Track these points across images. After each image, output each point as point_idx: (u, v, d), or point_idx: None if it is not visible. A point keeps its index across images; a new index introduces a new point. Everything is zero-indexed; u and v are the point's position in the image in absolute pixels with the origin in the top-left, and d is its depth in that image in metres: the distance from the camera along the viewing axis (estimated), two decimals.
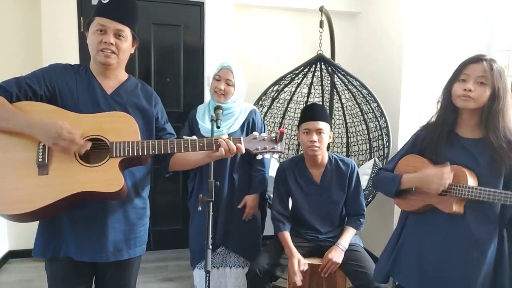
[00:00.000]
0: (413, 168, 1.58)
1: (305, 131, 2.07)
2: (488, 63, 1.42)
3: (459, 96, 1.44)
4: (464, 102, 1.43)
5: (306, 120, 2.07)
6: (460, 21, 2.79)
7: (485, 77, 1.41)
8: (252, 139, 1.45)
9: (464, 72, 1.45)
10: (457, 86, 1.46)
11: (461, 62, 1.49)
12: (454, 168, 1.44)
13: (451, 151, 1.49)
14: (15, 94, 1.30)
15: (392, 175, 1.62)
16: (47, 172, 1.27)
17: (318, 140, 2.03)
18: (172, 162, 1.56)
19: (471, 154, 1.46)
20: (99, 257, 1.42)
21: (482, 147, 1.44)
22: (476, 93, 1.41)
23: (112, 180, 1.30)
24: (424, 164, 1.53)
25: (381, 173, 1.71)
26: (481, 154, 1.44)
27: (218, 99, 2.08)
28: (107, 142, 1.33)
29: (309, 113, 2.08)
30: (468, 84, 1.42)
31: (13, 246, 3.18)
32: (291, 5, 3.44)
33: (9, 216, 1.26)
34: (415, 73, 2.93)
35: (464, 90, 1.42)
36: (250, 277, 1.93)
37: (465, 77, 1.44)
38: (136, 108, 1.48)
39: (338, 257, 1.97)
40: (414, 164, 1.58)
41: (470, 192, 1.38)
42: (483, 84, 1.41)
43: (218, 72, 2.11)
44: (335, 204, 2.13)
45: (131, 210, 1.48)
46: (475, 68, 1.43)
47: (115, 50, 1.39)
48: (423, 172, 1.49)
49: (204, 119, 2.13)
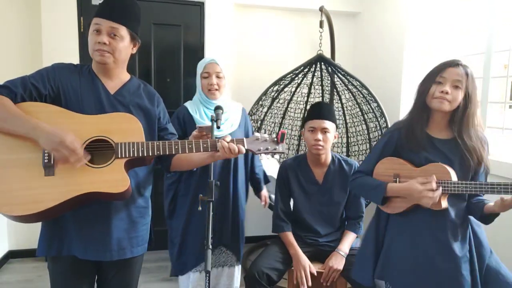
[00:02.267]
0: (392, 171, 1.59)
1: (310, 129, 2.05)
2: (464, 68, 1.49)
3: (435, 97, 1.49)
4: (440, 104, 1.48)
5: (312, 118, 2.05)
6: (460, 21, 2.79)
7: (460, 81, 1.47)
8: (254, 140, 1.47)
9: (441, 75, 1.50)
10: (434, 88, 1.50)
11: (437, 65, 1.55)
12: (435, 165, 1.49)
13: (425, 151, 1.53)
14: (20, 94, 1.30)
15: (376, 183, 1.60)
16: (53, 173, 1.27)
17: (322, 139, 2.01)
18: (174, 161, 1.57)
19: (443, 154, 1.52)
20: (103, 256, 1.43)
21: (452, 147, 1.52)
22: (451, 96, 1.47)
23: (118, 180, 1.31)
24: (404, 167, 1.56)
25: (361, 178, 1.67)
26: (453, 154, 1.51)
27: (213, 96, 2.04)
28: (111, 143, 1.34)
29: (315, 111, 2.07)
30: (445, 87, 1.48)
31: (13, 246, 3.18)
32: (291, 5, 3.44)
33: (15, 217, 1.26)
34: (415, 73, 2.93)
35: (441, 92, 1.47)
36: (248, 279, 1.92)
37: (442, 80, 1.49)
38: (139, 108, 1.49)
39: (339, 264, 1.96)
40: (393, 167, 1.59)
41: (456, 187, 1.44)
42: (458, 87, 1.48)
43: (204, 70, 2.04)
44: (336, 205, 2.12)
45: (134, 209, 1.49)
46: (452, 72, 1.48)
47: (109, 50, 1.39)
48: (411, 186, 1.48)
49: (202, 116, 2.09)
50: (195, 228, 2.06)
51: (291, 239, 2.06)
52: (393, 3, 3.10)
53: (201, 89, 2.08)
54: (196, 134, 1.81)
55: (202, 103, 2.08)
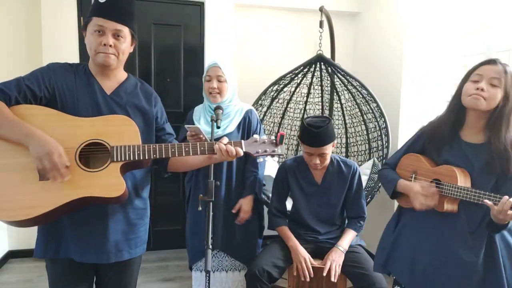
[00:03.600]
0: (412, 167, 1.61)
1: (307, 153, 2.03)
2: (502, 66, 1.40)
3: (470, 95, 1.41)
4: (474, 101, 1.39)
5: (308, 145, 1.98)
6: (460, 20, 2.79)
7: (498, 79, 1.38)
8: (252, 142, 1.45)
9: (477, 73, 1.42)
10: (469, 85, 1.43)
11: (475, 64, 1.47)
12: (446, 167, 1.46)
13: (449, 153, 1.50)
14: (14, 97, 1.28)
15: (391, 177, 1.66)
16: (47, 178, 1.25)
17: (320, 161, 2.01)
18: (171, 163, 1.56)
19: (467, 158, 1.46)
20: (100, 258, 1.42)
21: (480, 153, 1.44)
22: (488, 93, 1.38)
23: (114, 185, 1.29)
24: (422, 165, 1.56)
25: (385, 170, 1.74)
26: (477, 159, 1.43)
27: (214, 100, 2.05)
28: (107, 146, 1.32)
29: (312, 139, 1.95)
30: (481, 84, 1.39)
31: (13, 246, 3.18)
32: (291, 5, 3.44)
33: (11, 222, 1.25)
34: (415, 73, 2.93)
35: (476, 89, 1.39)
36: (249, 278, 1.93)
37: (478, 78, 1.41)
38: (136, 108, 1.47)
39: (339, 259, 1.97)
40: (414, 163, 1.61)
41: (458, 192, 1.40)
42: (496, 86, 1.38)
43: (207, 73, 2.07)
44: (334, 206, 2.13)
45: (131, 211, 1.48)
46: (489, 69, 1.40)
47: (114, 52, 1.38)
48: (412, 187, 1.52)
49: (200, 121, 2.12)
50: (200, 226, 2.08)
51: (288, 232, 2.08)
52: (393, 3, 3.10)
53: (204, 92, 2.12)
54: (188, 134, 1.82)
55: (207, 108, 2.12)
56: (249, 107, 2.20)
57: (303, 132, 1.99)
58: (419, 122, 2.86)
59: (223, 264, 2.15)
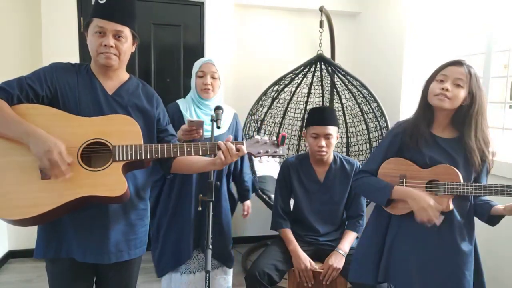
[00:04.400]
0: (398, 171, 1.56)
1: (313, 135, 2.06)
2: (467, 68, 1.47)
3: (435, 95, 1.48)
4: (439, 101, 1.47)
5: (314, 124, 2.05)
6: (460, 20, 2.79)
7: (462, 79, 1.46)
8: (254, 143, 1.45)
9: (442, 73, 1.49)
10: (434, 85, 1.50)
11: (440, 64, 1.54)
12: (444, 167, 1.49)
13: (430, 150, 1.53)
14: (16, 95, 1.28)
15: (381, 185, 1.57)
16: (49, 177, 1.25)
17: (326, 145, 2.03)
18: (175, 166, 1.55)
19: (448, 153, 1.51)
20: (101, 259, 1.42)
21: (456, 146, 1.51)
22: (452, 93, 1.46)
23: (115, 184, 1.29)
24: (411, 168, 1.54)
25: (365, 178, 1.64)
26: (457, 153, 1.51)
27: (207, 96, 2.02)
28: (109, 146, 1.32)
29: (318, 117, 2.06)
30: (445, 84, 1.47)
31: (13, 246, 3.18)
32: (291, 5, 3.44)
33: (11, 221, 1.25)
34: (415, 73, 2.93)
35: (441, 89, 1.47)
36: (249, 279, 1.92)
37: (443, 78, 1.49)
38: (137, 109, 1.47)
39: (339, 263, 1.96)
40: (400, 168, 1.57)
41: (465, 189, 1.45)
42: (459, 86, 1.46)
43: (200, 69, 2.03)
44: (337, 204, 2.13)
45: (132, 211, 1.48)
46: (454, 70, 1.48)
47: (115, 53, 1.38)
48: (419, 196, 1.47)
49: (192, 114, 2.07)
50: (177, 228, 2.00)
51: (290, 235, 2.08)
52: (393, 3, 3.10)
53: (195, 88, 2.06)
54: (186, 128, 1.79)
55: (194, 102, 2.06)
56: (234, 110, 2.20)
57: (309, 114, 2.13)
58: None
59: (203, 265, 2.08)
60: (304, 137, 2.18)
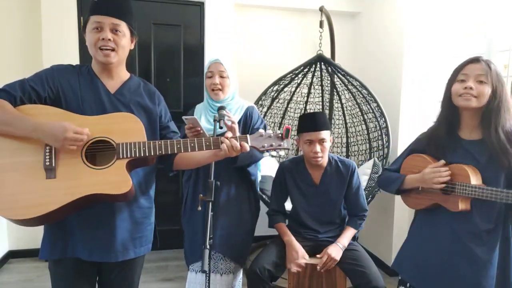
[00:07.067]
0: (418, 168, 1.58)
1: (307, 142, 2.05)
2: (486, 63, 1.43)
3: (460, 95, 1.44)
4: (465, 101, 1.42)
5: (307, 131, 2.04)
6: (460, 20, 2.79)
7: (484, 75, 1.41)
8: (258, 137, 1.44)
9: (463, 72, 1.45)
10: (457, 86, 1.46)
11: (458, 64, 1.50)
12: (456, 167, 1.46)
13: (453, 155, 1.50)
14: (19, 97, 1.30)
15: (396, 175, 1.65)
16: (54, 176, 1.26)
17: (321, 150, 2.03)
18: (177, 161, 1.56)
19: (471, 155, 1.47)
20: (108, 257, 1.42)
21: (482, 148, 1.45)
22: (477, 91, 1.41)
23: (120, 182, 1.30)
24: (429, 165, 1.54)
25: (385, 173, 1.74)
26: (481, 154, 1.45)
27: (216, 97, 2.01)
28: (113, 144, 1.33)
29: (310, 122, 2.04)
30: (468, 83, 1.42)
31: (13, 246, 3.18)
32: (291, 5, 3.45)
33: (17, 221, 1.26)
34: (415, 73, 2.93)
35: (465, 88, 1.42)
36: (250, 276, 1.93)
37: (464, 77, 1.44)
38: (140, 107, 1.48)
39: (337, 254, 1.98)
40: (418, 164, 1.59)
41: (473, 191, 1.39)
42: (483, 82, 1.41)
43: (208, 69, 2.03)
44: (334, 206, 2.13)
45: (137, 210, 1.49)
46: (473, 68, 1.43)
47: (114, 46, 1.39)
48: (421, 176, 1.53)
49: (201, 119, 2.10)
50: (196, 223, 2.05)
51: (285, 228, 2.12)
52: (393, 3, 3.10)
53: (206, 89, 2.09)
54: (186, 127, 1.81)
55: (208, 106, 2.08)
56: (250, 104, 2.18)
57: (300, 121, 2.11)
58: (419, 122, 2.88)
59: (218, 267, 2.11)
60: (298, 144, 2.18)
